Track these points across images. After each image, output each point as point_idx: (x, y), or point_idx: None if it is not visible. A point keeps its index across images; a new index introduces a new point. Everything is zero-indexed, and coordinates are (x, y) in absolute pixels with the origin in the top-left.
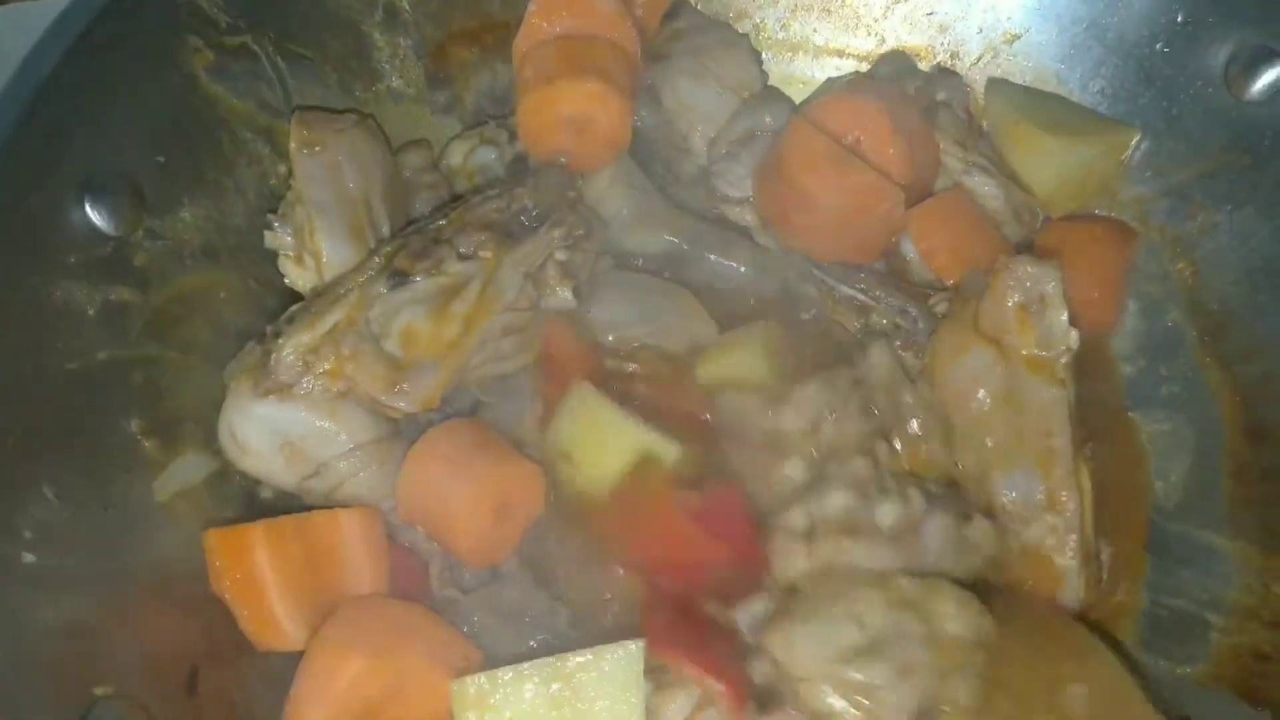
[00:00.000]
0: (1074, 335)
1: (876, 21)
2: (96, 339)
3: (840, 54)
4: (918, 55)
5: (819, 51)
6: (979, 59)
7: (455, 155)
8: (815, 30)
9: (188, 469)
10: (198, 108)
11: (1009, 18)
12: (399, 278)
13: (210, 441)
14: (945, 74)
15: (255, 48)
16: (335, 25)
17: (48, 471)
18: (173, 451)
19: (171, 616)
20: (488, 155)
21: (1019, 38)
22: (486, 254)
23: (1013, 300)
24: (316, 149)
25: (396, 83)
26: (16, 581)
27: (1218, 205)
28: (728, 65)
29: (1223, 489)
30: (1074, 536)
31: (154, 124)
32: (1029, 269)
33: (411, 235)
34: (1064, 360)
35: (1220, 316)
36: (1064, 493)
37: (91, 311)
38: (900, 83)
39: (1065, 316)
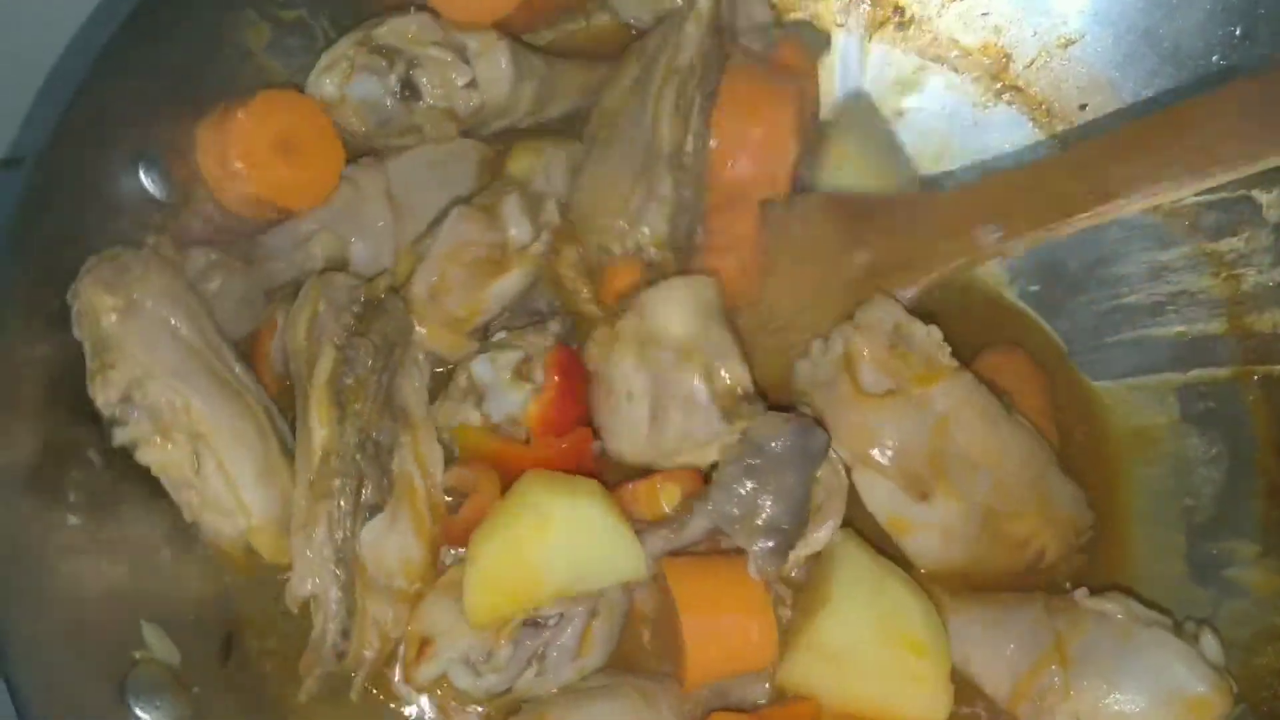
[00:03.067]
0: (935, 329)
1: (931, 19)
2: None
3: None
4: (968, 54)
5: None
6: (1033, 62)
7: (326, 86)
8: None
9: None
10: (251, 80)
11: (1065, 22)
12: (374, 511)
13: None
14: None
15: (311, 22)
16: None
17: (94, 436)
18: None
19: (208, 584)
20: (371, 89)
21: (1074, 43)
22: (406, 438)
23: (882, 348)
24: (128, 309)
25: None
26: (60, 545)
27: (1265, 222)
28: None
29: (1254, 508)
30: (1055, 469)
31: (209, 95)
32: (873, 313)
33: (358, 459)
34: (944, 356)
35: (1261, 333)
36: (1025, 448)
37: None
38: None
39: (919, 325)
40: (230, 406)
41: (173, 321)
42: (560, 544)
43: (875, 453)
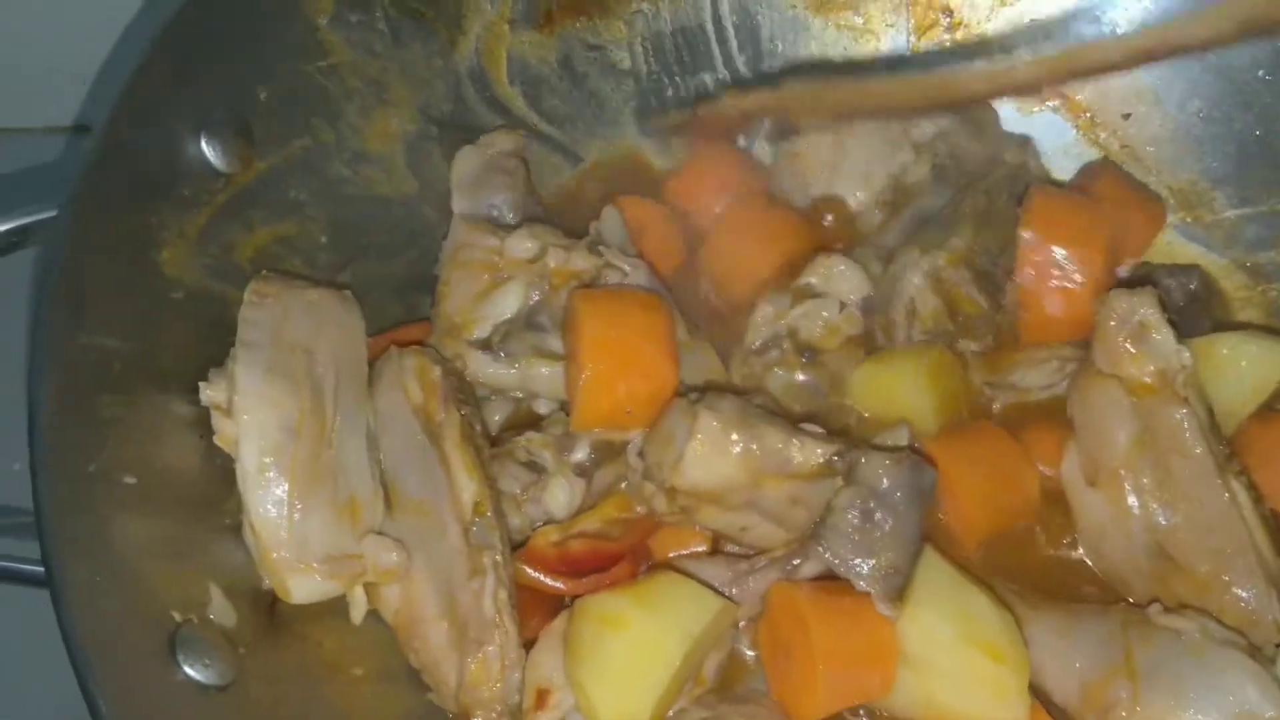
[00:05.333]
0: (1185, 353)
1: (979, 23)
2: (202, 273)
3: None
4: None
5: None
6: None
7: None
8: None
9: None
10: (313, 54)
11: (1112, 31)
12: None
13: None
14: None
15: None
16: None
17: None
18: None
19: None
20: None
21: None
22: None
23: (1119, 334)
24: (266, 298)
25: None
26: (117, 502)
27: None
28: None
29: None
30: (1248, 560)
31: (272, 68)
32: (1124, 300)
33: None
34: (1181, 378)
35: None
36: (1217, 515)
37: (199, 244)
38: None
39: (1170, 335)
40: (269, 389)
41: (293, 322)
42: (659, 639)
43: (1076, 417)
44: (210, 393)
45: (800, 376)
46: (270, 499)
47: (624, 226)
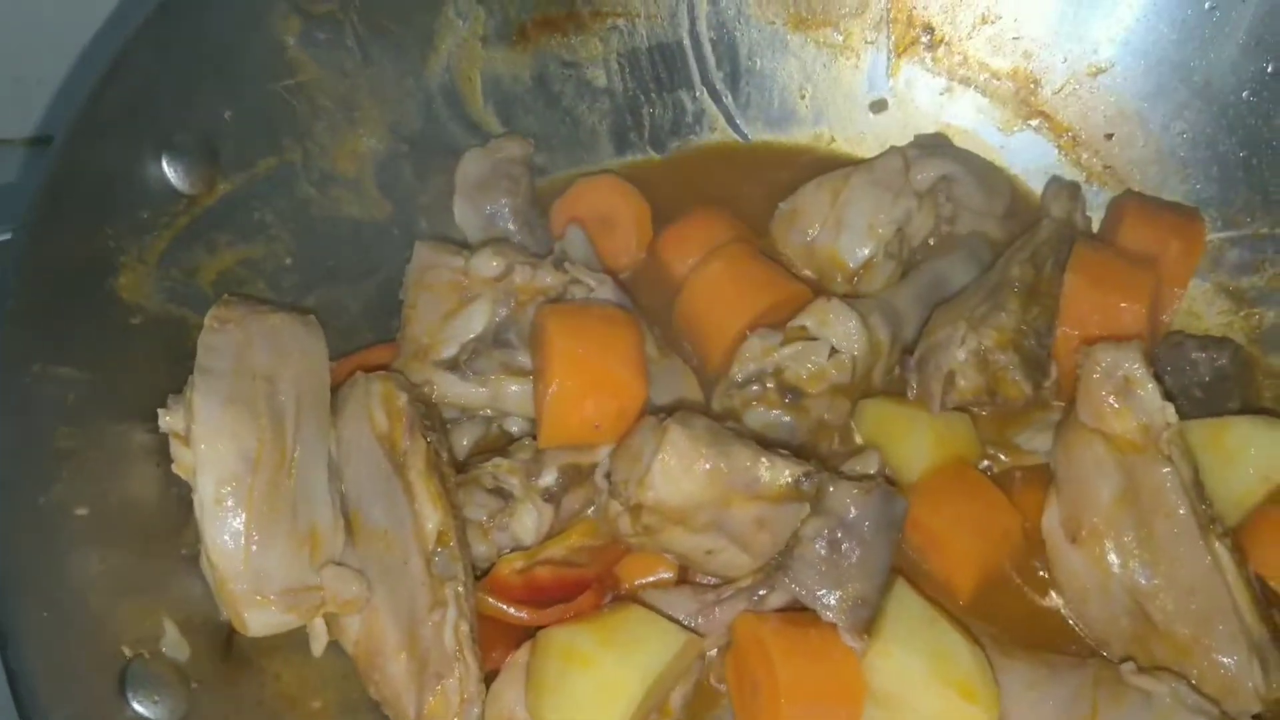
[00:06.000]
0: (1170, 410)
1: (961, 41)
2: (163, 297)
3: None
4: (997, 78)
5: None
6: (1061, 88)
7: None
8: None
9: None
10: (280, 73)
11: (1095, 50)
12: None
13: None
14: None
15: (341, 17)
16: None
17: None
18: None
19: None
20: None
21: (1104, 71)
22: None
23: (1103, 388)
24: (227, 324)
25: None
26: (69, 535)
27: None
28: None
29: None
30: (1229, 626)
31: (237, 87)
32: (1108, 353)
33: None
34: (1165, 435)
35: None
36: (1199, 578)
37: (160, 268)
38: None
39: (1155, 391)
40: (227, 419)
41: (254, 349)
42: (622, 675)
43: (1058, 471)
44: (169, 420)
45: (780, 416)
46: (228, 530)
47: (588, 243)
